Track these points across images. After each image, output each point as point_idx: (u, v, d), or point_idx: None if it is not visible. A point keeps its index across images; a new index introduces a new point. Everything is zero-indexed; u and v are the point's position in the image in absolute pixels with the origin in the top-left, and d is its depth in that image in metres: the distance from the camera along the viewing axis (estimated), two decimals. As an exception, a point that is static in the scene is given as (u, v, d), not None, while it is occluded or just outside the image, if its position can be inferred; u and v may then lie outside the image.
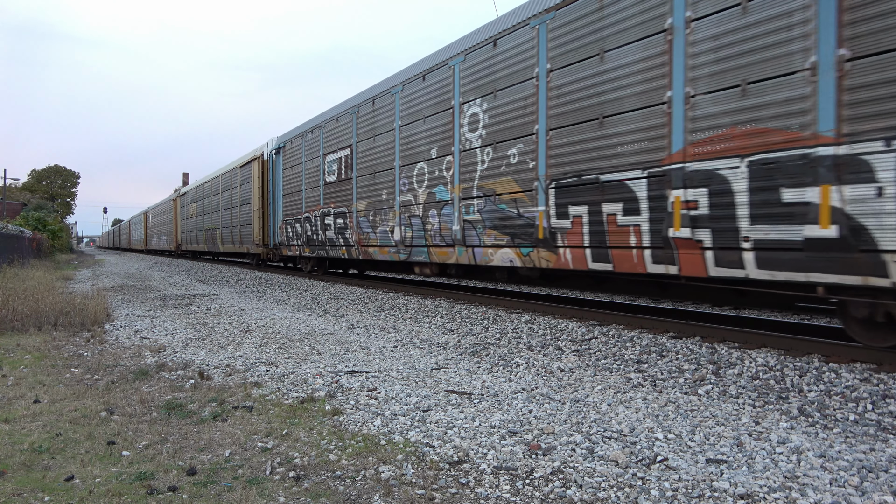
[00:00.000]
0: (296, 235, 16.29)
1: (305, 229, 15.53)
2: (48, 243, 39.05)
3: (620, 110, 6.56)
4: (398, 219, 10.95)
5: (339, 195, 13.44)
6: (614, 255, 6.61)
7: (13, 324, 8.14)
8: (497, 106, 8.46)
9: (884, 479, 2.98)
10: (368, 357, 6.21)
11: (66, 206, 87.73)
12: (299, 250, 16.17)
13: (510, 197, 8.16)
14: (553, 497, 2.89)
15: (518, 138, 8.03)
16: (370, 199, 12.00)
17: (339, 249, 13.53)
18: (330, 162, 13.95)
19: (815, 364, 5.01)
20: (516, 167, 8.07)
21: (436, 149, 9.90)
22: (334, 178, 13.70)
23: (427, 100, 10.21)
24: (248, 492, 2.98)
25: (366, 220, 12.11)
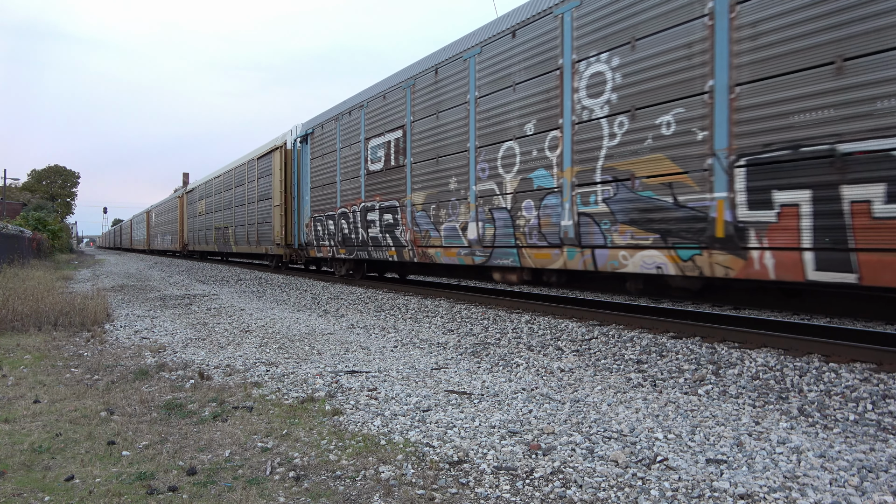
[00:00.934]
0: (327, 234, 14.32)
1: (340, 227, 13.55)
2: (48, 243, 39.05)
3: (886, 45, 4.48)
4: (474, 213, 9.05)
5: (387, 186, 11.50)
6: (863, 263, 4.72)
7: (13, 324, 8.14)
8: (637, 60, 6.45)
9: (884, 479, 2.98)
10: (368, 357, 6.21)
11: (66, 206, 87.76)
12: (332, 251, 14.15)
13: (661, 181, 6.20)
14: (553, 497, 2.89)
15: (675, 101, 6.05)
16: (431, 190, 10.08)
17: (384, 251, 11.65)
18: (374, 147, 11.99)
19: (815, 364, 5.01)
20: (672, 140, 6.09)
21: (532, 123, 7.93)
22: (380, 165, 11.75)
23: (519, 61, 8.20)
24: (248, 492, 2.98)
25: (424, 215, 10.23)
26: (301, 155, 16.23)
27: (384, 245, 11.65)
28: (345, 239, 13.40)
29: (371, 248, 12.22)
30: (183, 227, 35.04)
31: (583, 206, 7.14)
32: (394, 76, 11.60)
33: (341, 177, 13.62)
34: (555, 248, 7.62)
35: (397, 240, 11.19)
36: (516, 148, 8.31)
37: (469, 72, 9.28)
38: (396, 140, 11.20)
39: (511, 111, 8.40)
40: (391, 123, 11.45)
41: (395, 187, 11.27)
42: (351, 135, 13.18)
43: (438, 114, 9.97)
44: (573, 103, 7.31)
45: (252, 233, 20.89)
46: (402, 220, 10.97)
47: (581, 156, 7.21)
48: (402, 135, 10.97)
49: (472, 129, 9.17)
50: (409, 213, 10.76)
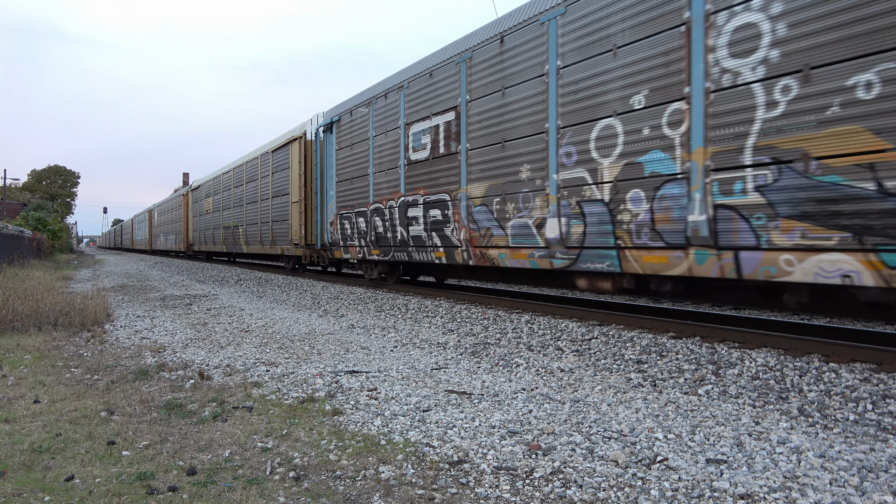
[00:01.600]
0: (357, 233, 12.75)
1: (374, 225, 11.98)
2: (48, 243, 39.05)
3: None
4: (554, 207, 7.51)
5: (434, 177, 10.04)
6: None
7: (13, 324, 8.14)
8: (816, 3, 4.98)
9: (884, 479, 2.98)
10: (368, 357, 6.21)
11: (66, 206, 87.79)
12: (362, 252, 12.58)
13: (854, 161, 4.76)
14: (553, 497, 2.89)
15: (882, 52, 4.57)
16: (494, 181, 8.59)
17: (429, 252, 10.20)
18: (417, 134, 10.47)
19: (815, 364, 5.01)
20: (875, 106, 4.62)
21: (643, 94, 6.44)
22: (424, 154, 10.26)
23: (622, 19, 6.67)
24: (248, 492, 2.98)
25: (485, 210, 8.79)
26: (325, 146, 14.57)
27: (429, 245, 10.15)
28: (379, 238, 11.84)
29: (412, 249, 10.69)
30: (188, 227, 33.24)
31: (722, 197, 5.67)
32: (443, 50, 10.05)
33: (375, 168, 12.01)
34: (676, 250, 6.12)
35: (447, 239, 9.71)
36: (618, 126, 6.75)
37: (548, 37, 7.68)
38: (447, 124, 9.63)
39: (610, 81, 6.86)
40: (440, 105, 9.83)
41: (444, 178, 9.75)
42: (387, 120, 11.55)
43: (504, 90, 8.35)
44: (707, 66, 5.79)
45: (266, 232, 19.35)
46: (453, 217, 9.48)
47: (720, 133, 5.68)
48: (454, 117, 9.41)
49: (553, 107, 7.57)
50: (463, 207, 9.25)
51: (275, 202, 18.35)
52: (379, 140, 11.92)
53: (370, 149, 12.23)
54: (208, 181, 28.38)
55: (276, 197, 18.23)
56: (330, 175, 14.22)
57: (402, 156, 11.01)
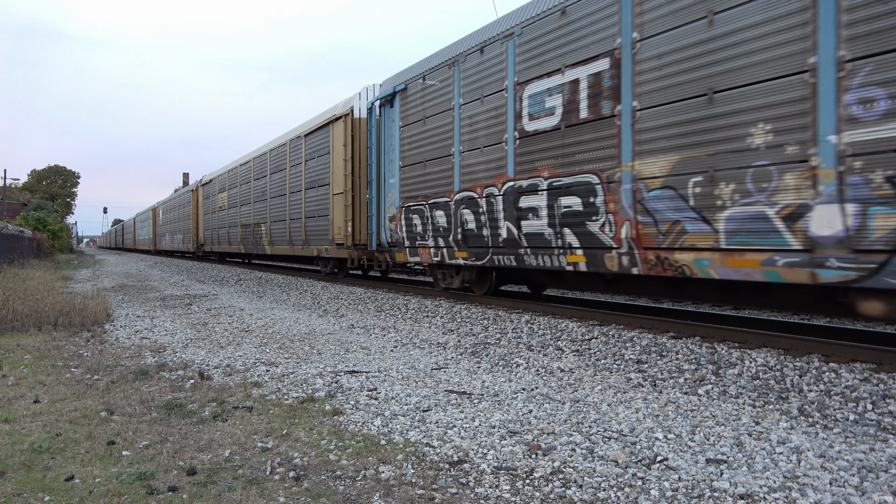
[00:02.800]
0: (432, 230, 10.29)
1: (461, 219, 9.52)
2: (48, 243, 39.07)
3: None
4: (832, 188, 5.02)
5: (570, 153, 7.52)
6: None
7: (13, 324, 8.14)
8: None
9: (884, 479, 2.98)
10: (368, 357, 6.21)
11: (66, 206, 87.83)
12: (440, 254, 10.15)
13: None
14: (553, 497, 2.89)
15: None
16: (692, 151, 6.03)
17: (556, 255, 7.76)
18: (537, 95, 8.00)
19: (815, 364, 5.01)
20: None
21: None
22: (551, 121, 7.77)
23: None
24: (248, 492, 2.98)
25: (670, 195, 6.25)
26: (382, 124, 12.01)
27: (557, 246, 7.70)
28: (467, 237, 9.39)
29: (525, 251, 8.26)
30: (197, 225, 30.51)
31: None
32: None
33: (463, 146, 9.48)
34: None
35: (590, 238, 7.23)
36: None
37: None
38: (594, 77, 7.13)
39: None
40: (581, 51, 7.32)
41: (588, 153, 7.26)
42: (484, 83, 9.04)
43: (714, 15, 5.86)
44: None
45: (297, 230, 16.72)
46: (605, 206, 7.00)
47: None
48: (607, 66, 6.94)
49: (830, 21, 4.99)
50: (625, 193, 6.74)
51: (309, 195, 15.80)
52: (470, 109, 9.36)
53: (455, 121, 9.66)
54: (222, 174, 25.69)
55: (310, 189, 15.71)
56: (390, 159, 11.69)
57: (509, 127, 8.51)
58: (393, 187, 11.61)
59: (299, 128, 16.97)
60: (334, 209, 14.07)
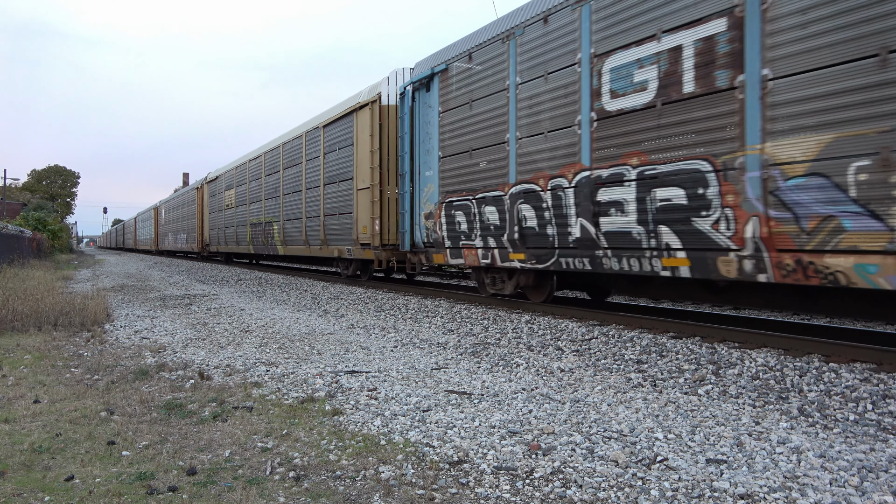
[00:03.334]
0: (480, 228, 9.10)
1: (517, 216, 8.35)
2: (48, 243, 39.08)
3: None
4: None
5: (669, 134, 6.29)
6: None
7: (13, 324, 8.14)
8: None
9: (884, 479, 2.98)
10: (368, 357, 6.21)
11: (66, 206, 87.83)
12: (489, 255, 8.96)
13: None
14: (553, 497, 2.89)
15: None
16: (857, 128, 4.90)
17: (648, 257, 6.57)
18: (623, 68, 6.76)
19: (815, 364, 5.01)
20: None
21: None
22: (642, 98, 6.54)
23: None
24: (248, 492, 2.98)
25: (821, 184, 5.14)
26: (416, 110, 10.82)
27: (648, 247, 6.55)
28: (526, 236, 8.24)
29: (605, 253, 7.05)
30: (202, 224, 29.21)
31: None
32: None
33: (522, 131, 8.27)
34: None
35: (699, 237, 6.04)
36: None
37: None
38: (705, 42, 5.96)
39: None
40: (683, 13, 6.15)
41: (697, 134, 6.03)
42: (549, 57, 7.79)
43: None
44: None
45: (314, 229, 15.45)
46: (721, 198, 5.85)
47: None
48: (724, 28, 5.79)
49: None
50: (750, 182, 5.60)
51: (329, 191, 14.60)
52: (530, 89, 8.13)
53: (510, 104, 8.46)
54: (229, 170, 24.39)
55: (330, 184, 14.53)
56: (426, 149, 10.48)
57: (584, 107, 7.25)
58: (430, 181, 10.37)
59: (317, 118, 15.64)
60: (359, 206, 12.87)
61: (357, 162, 12.97)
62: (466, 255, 9.51)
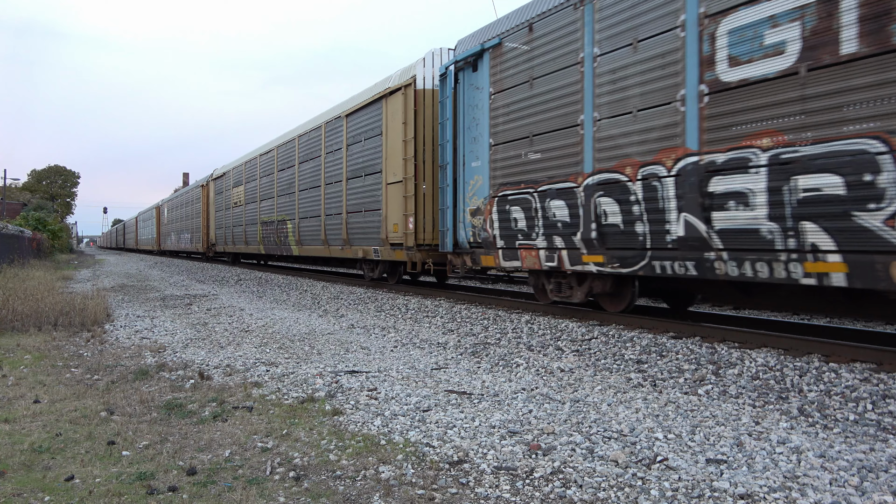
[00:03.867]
0: (546, 226, 7.79)
1: (597, 211, 7.04)
2: (48, 243, 39.07)
3: None
4: None
5: (817, 109, 5.14)
6: None
7: (13, 324, 8.14)
8: None
9: (884, 479, 2.98)
10: (368, 357, 6.21)
11: (66, 206, 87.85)
12: (559, 257, 7.63)
13: None
14: (553, 497, 2.89)
15: None
16: None
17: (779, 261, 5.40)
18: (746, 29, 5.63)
19: (815, 364, 5.01)
20: None
21: None
22: (780, 64, 5.36)
23: None
24: (248, 492, 2.98)
25: None
26: (461, 93, 9.58)
27: (785, 248, 5.35)
28: (607, 234, 6.95)
29: (719, 255, 5.85)
30: (207, 223, 27.99)
31: None
32: None
33: (601, 111, 6.92)
34: None
35: (864, 236, 4.87)
36: None
37: None
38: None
39: None
40: None
41: (862, 106, 4.85)
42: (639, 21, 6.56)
43: None
44: None
45: (335, 228, 14.21)
46: None
47: None
48: None
49: None
50: None
51: (352, 186, 13.40)
52: (613, 61, 6.87)
53: (585, 79, 7.18)
54: (238, 166, 23.02)
55: (354, 178, 13.32)
56: (472, 136, 9.29)
57: (689, 79, 6.07)
58: (478, 172, 9.15)
59: (338, 107, 14.37)
60: (388, 202, 11.63)
61: (387, 153, 11.74)
62: (524, 256, 8.22)
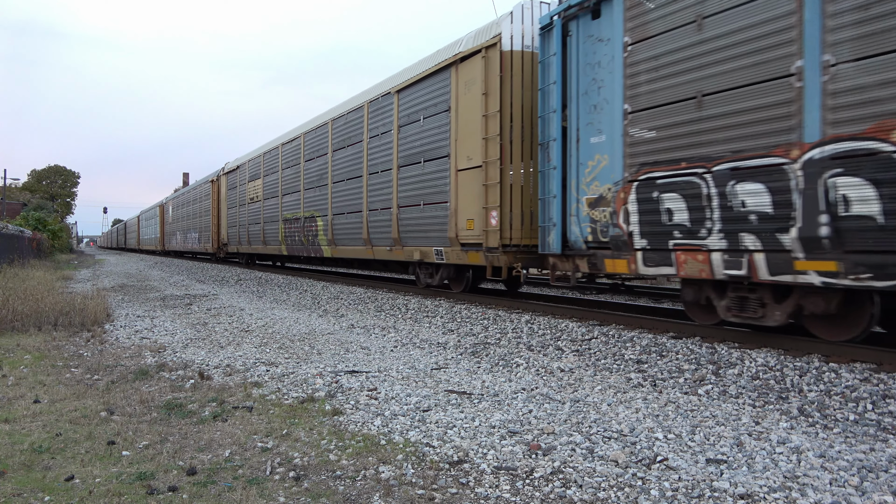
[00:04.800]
0: (724, 219, 5.79)
1: (828, 198, 4.98)
2: (48, 243, 39.07)
3: None
4: None
5: None
6: None
7: (13, 324, 8.14)
8: None
9: (884, 479, 2.98)
10: (368, 357, 6.21)
11: (66, 206, 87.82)
12: (749, 264, 5.58)
13: None
14: (553, 497, 2.89)
15: None
16: None
17: None
18: None
19: (815, 364, 5.01)
20: None
21: None
22: None
23: None
24: (248, 492, 2.98)
25: None
26: (573, 50, 7.60)
27: None
28: (845, 231, 4.95)
29: None
30: (218, 221, 25.78)
31: None
32: None
33: (835, 53, 5.00)
34: None
35: None
36: None
37: None
38: None
39: None
40: None
41: None
42: None
43: None
44: None
45: (381, 225, 11.95)
46: None
47: None
48: None
49: None
50: None
51: (407, 174, 11.10)
52: None
53: (806, 6, 5.16)
54: (255, 157, 20.80)
55: (409, 166, 11.03)
56: (593, 104, 7.32)
57: None
58: (601, 150, 7.21)
59: (386, 83, 12.13)
60: (459, 192, 9.56)
61: (457, 133, 9.63)
62: (682, 261, 6.20)
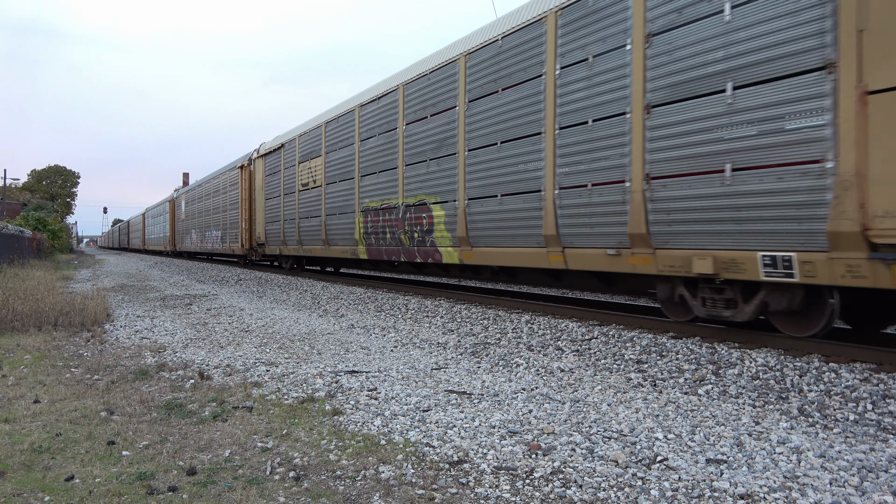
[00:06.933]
0: None
1: None
2: (48, 243, 39.06)
3: None
4: None
5: None
6: None
7: (13, 324, 8.14)
8: None
9: (884, 479, 2.98)
10: (368, 357, 6.21)
11: (66, 206, 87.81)
12: None
13: None
14: (553, 497, 2.89)
15: None
16: None
17: None
18: None
19: (815, 364, 5.01)
20: None
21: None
22: None
23: None
24: (248, 492, 2.98)
25: None
26: None
27: None
28: None
29: None
30: (251, 216, 20.66)
31: None
32: None
33: None
34: None
35: None
36: None
37: None
38: None
39: None
40: None
41: None
42: None
43: None
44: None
45: (596, 208, 6.89)
46: None
47: None
48: None
49: None
50: None
51: (672, 116, 6.00)
52: None
53: None
54: (310, 131, 15.51)
55: (662, 105, 6.07)
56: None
57: None
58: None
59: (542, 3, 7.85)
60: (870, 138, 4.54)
61: None
62: None
